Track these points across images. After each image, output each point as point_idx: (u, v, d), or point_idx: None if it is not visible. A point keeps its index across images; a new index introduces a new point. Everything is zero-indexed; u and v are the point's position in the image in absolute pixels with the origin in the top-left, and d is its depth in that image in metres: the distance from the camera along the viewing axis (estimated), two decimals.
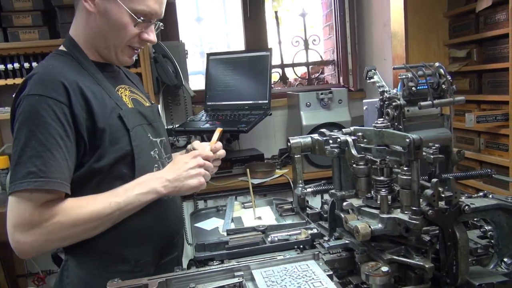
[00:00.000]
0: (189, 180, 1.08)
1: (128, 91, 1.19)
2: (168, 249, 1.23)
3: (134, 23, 1.06)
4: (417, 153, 0.81)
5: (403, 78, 1.32)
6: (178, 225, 1.28)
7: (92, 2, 1.05)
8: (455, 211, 0.83)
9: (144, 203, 1.05)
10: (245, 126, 2.02)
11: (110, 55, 1.12)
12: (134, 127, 1.10)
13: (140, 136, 1.11)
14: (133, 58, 1.17)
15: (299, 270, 0.96)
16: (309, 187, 1.36)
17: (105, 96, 1.08)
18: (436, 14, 2.32)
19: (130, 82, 1.26)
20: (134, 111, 1.14)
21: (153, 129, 1.18)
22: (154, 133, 1.18)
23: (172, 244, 1.25)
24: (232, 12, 3.10)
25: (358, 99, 2.87)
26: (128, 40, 1.08)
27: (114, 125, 1.06)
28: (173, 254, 1.26)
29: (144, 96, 1.26)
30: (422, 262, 0.84)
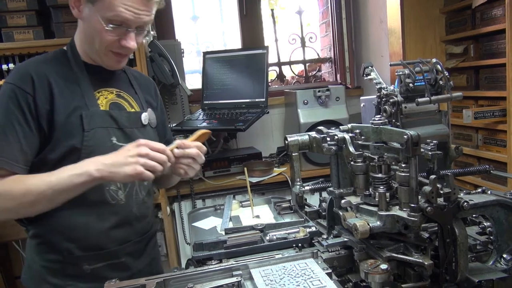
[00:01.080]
0: (125, 167, 1.03)
1: (114, 95, 1.22)
2: (113, 253, 1.20)
3: (106, 30, 1.09)
4: (415, 150, 0.81)
5: (400, 74, 1.31)
6: (127, 232, 1.23)
7: (77, 8, 1.13)
8: (453, 208, 0.83)
9: (77, 185, 1.04)
10: (242, 124, 2.01)
11: (97, 59, 1.18)
12: (94, 128, 1.14)
13: (98, 138, 1.14)
14: (122, 62, 1.20)
15: (298, 268, 0.95)
16: (307, 185, 1.35)
17: (77, 95, 1.14)
18: (432, 10, 2.32)
19: (129, 87, 1.29)
20: (103, 113, 1.17)
21: (123, 134, 1.20)
22: (124, 138, 1.19)
23: (119, 249, 1.21)
24: (228, 10, 3.09)
25: (356, 96, 2.86)
26: (107, 45, 1.12)
27: (73, 122, 1.12)
28: (118, 259, 1.22)
29: (138, 102, 1.28)
30: (421, 259, 0.83)
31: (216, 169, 2.46)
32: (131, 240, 1.24)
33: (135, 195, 1.23)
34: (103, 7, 1.07)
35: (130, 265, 1.25)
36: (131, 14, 1.09)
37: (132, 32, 1.12)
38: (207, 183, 2.37)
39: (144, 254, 1.30)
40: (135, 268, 1.25)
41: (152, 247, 1.35)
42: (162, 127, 1.41)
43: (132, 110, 1.26)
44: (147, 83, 1.40)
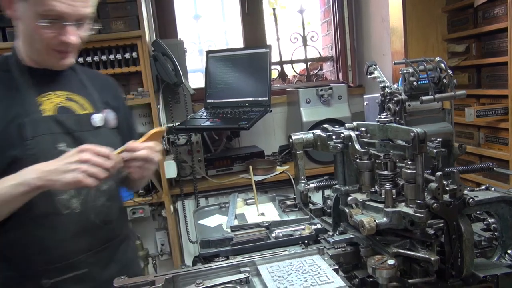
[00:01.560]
0: (65, 175, 0.97)
1: (63, 98, 1.16)
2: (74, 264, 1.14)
3: (42, 26, 1.03)
4: (421, 147, 0.82)
5: (404, 73, 1.32)
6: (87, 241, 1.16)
7: (10, 8, 1.06)
8: (459, 204, 0.84)
9: (17, 196, 0.99)
10: (246, 123, 2.02)
11: (41, 60, 1.12)
12: (37, 136, 1.07)
13: (42, 146, 1.08)
14: (67, 60, 1.13)
15: (305, 265, 0.96)
16: (311, 182, 1.36)
17: (16, 102, 1.08)
18: (434, 9, 2.33)
19: (81, 89, 1.21)
20: (47, 119, 1.10)
21: (73, 138, 1.12)
22: (74, 143, 1.11)
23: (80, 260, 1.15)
24: (230, 9, 3.09)
25: (358, 95, 2.87)
26: (47, 43, 1.06)
27: (12, 132, 1.05)
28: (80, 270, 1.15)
29: (92, 103, 1.21)
30: (428, 255, 0.84)
31: (219, 168, 2.48)
32: (93, 249, 1.16)
33: (92, 202, 1.15)
34: (35, 2, 1.01)
35: (95, 276, 1.17)
36: (66, 7, 1.02)
37: (71, 26, 1.05)
38: (210, 181, 2.38)
39: (112, 262, 1.22)
40: (102, 278, 1.17)
41: (122, 254, 1.26)
42: (126, 128, 1.33)
43: (84, 112, 1.18)
44: (106, 83, 1.32)
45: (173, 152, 2.33)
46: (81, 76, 1.24)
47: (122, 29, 2.08)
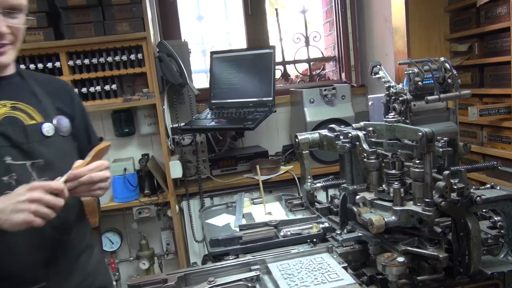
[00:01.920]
0: (14, 215, 0.92)
1: (8, 108, 1.09)
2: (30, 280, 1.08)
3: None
4: (429, 146, 0.83)
5: (410, 73, 1.34)
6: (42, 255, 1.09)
7: None
8: (467, 202, 0.86)
9: None
10: (251, 123, 2.04)
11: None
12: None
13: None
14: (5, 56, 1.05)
15: (314, 262, 0.98)
16: (318, 182, 1.38)
17: None
18: (437, 8, 2.34)
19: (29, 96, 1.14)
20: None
21: (20, 151, 1.06)
22: (22, 156, 1.06)
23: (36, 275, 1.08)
24: (233, 9, 3.10)
25: (360, 95, 2.89)
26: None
27: None
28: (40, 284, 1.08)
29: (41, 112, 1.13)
30: (436, 252, 0.86)
31: (223, 168, 2.49)
32: (50, 262, 1.10)
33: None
34: None
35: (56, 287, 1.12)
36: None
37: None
38: (214, 181, 2.40)
39: (73, 273, 1.15)
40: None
41: (84, 264, 1.20)
42: (84, 133, 1.28)
43: (32, 122, 1.10)
44: (58, 88, 1.24)
45: (178, 153, 2.35)
46: (30, 83, 1.17)
47: (127, 31, 2.10)
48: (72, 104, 1.24)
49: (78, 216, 1.21)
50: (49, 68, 2.10)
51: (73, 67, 2.13)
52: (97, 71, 2.14)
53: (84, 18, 2.06)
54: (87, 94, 2.16)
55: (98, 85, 2.16)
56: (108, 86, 2.16)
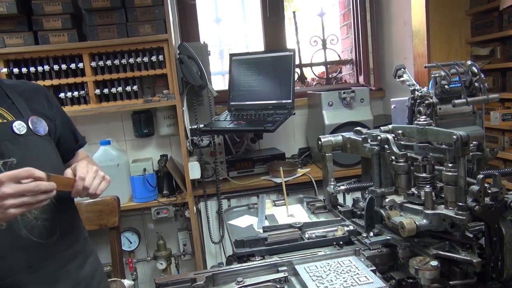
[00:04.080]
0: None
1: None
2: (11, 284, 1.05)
3: None
4: (464, 150, 0.83)
5: (436, 76, 1.33)
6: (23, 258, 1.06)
7: None
8: (501, 207, 0.85)
9: None
10: (271, 125, 2.04)
11: None
12: None
13: None
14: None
15: (343, 265, 0.98)
16: (341, 185, 1.37)
17: None
18: (458, 11, 2.32)
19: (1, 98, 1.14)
20: None
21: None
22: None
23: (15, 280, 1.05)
24: (251, 12, 3.12)
25: (378, 98, 2.88)
26: None
27: None
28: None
29: (14, 112, 1.13)
30: (469, 257, 0.85)
31: (240, 169, 2.50)
32: (32, 267, 1.07)
33: (21, 216, 1.04)
34: None
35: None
36: None
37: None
38: (231, 183, 2.41)
39: (61, 280, 1.12)
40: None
41: (75, 271, 1.17)
42: (69, 133, 1.30)
43: (2, 121, 1.10)
44: (32, 91, 1.24)
45: (197, 154, 2.36)
46: (3, 88, 1.17)
47: (149, 33, 2.12)
48: (49, 106, 1.24)
49: (65, 221, 1.17)
50: (72, 69, 2.13)
51: (96, 68, 2.16)
52: (119, 72, 2.17)
53: (107, 20, 2.09)
54: (109, 95, 2.19)
55: (119, 86, 2.19)
56: (129, 87, 2.19)
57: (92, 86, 2.16)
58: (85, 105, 2.16)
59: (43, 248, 1.09)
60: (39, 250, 1.09)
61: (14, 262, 1.05)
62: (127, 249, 2.41)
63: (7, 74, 2.05)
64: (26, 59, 2.08)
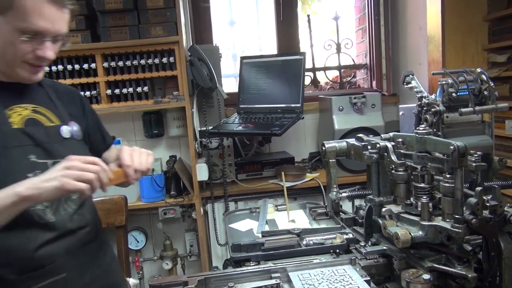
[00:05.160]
0: (51, 182, 0.98)
1: (29, 111, 1.16)
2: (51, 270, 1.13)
3: (20, 41, 1.03)
4: (461, 161, 0.80)
5: (443, 83, 1.30)
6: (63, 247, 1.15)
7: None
8: (500, 221, 0.82)
9: (6, 207, 0.98)
10: (278, 129, 2.03)
11: (10, 72, 1.11)
12: (7, 148, 1.07)
13: (13, 158, 1.08)
14: (39, 74, 1.14)
15: (336, 274, 0.96)
16: (344, 191, 1.35)
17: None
18: (475, 17, 2.26)
19: (47, 101, 1.22)
20: (16, 132, 1.10)
21: (43, 150, 1.13)
22: (45, 155, 1.13)
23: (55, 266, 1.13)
24: (264, 15, 3.12)
25: (391, 104, 2.83)
26: (21, 57, 1.06)
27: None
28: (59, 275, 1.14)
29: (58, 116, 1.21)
30: (465, 271, 0.83)
31: (248, 172, 2.49)
32: (69, 254, 1.15)
33: (64, 211, 1.16)
34: (15, 18, 1.01)
35: (74, 280, 1.17)
36: (46, 24, 1.03)
37: (48, 41, 1.06)
38: (239, 185, 2.40)
39: (90, 266, 1.21)
40: (80, 282, 1.18)
41: (101, 259, 1.27)
42: (98, 134, 1.37)
43: (51, 124, 1.18)
44: (70, 94, 1.31)
45: (205, 155, 2.37)
46: (46, 89, 1.24)
47: (160, 35, 2.14)
48: (82, 109, 1.32)
49: (92, 212, 1.29)
50: (85, 69, 2.18)
51: (108, 69, 2.20)
52: (130, 73, 2.20)
53: (120, 21, 2.12)
54: (120, 95, 2.23)
55: (131, 87, 2.22)
56: (140, 88, 2.22)
57: (104, 86, 2.19)
58: (96, 104, 2.20)
59: (79, 237, 1.19)
60: (77, 239, 1.18)
61: (55, 250, 1.13)
62: (134, 248, 2.44)
63: None
64: None
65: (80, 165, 1.00)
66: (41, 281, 1.11)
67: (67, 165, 1.00)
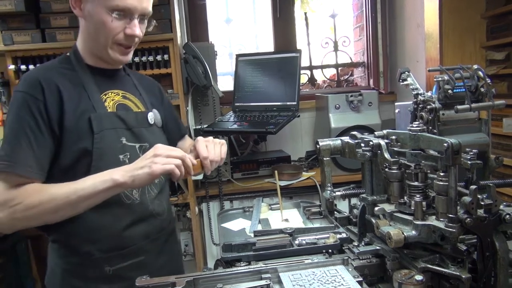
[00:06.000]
0: (143, 169, 1.06)
1: (120, 96, 1.25)
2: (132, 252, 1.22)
3: (111, 20, 1.12)
4: (455, 158, 0.78)
5: (439, 80, 1.27)
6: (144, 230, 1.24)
7: (79, 8, 1.16)
8: (495, 220, 0.80)
9: (101, 191, 1.06)
10: (273, 127, 2.01)
11: (103, 55, 1.19)
12: (103, 130, 1.15)
13: (108, 139, 1.16)
14: (128, 56, 1.22)
15: (328, 275, 0.94)
16: (338, 190, 1.33)
17: (84, 98, 1.16)
18: (473, 15, 2.24)
19: (133, 89, 1.32)
20: (111, 115, 1.19)
21: (132, 134, 1.22)
22: (133, 138, 1.22)
23: (138, 248, 1.23)
24: (261, 13, 3.10)
25: (389, 102, 2.81)
26: (113, 37, 1.14)
27: (82, 126, 1.13)
28: (138, 257, 1.23)
29: (143, 103, 1.31)
30: (459, 272, 0.80)
31: (244, 171, 2.47)
32: (149, 238, 1.25)
33: (148, 193, 1.25)
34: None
35: (150, 264, 1.25)
36: (133, 1, 1.11)
37: (136, 19, 1.15)
38: (235, 184, 2.38)
39: (163, 251, 1.30)
40: (155, 266, 1.26)
41: (171, 245, 1.37)
42: (174, 123, 1.46)
43: (138, 110, 1.28)
44: (151, 85, 1.43)
45: None
46: (133, 78, 1.35)
47: (154, 32, 2.12)
48: (162, 100, 1.43)
49: (168, 202, 1.38)
50: None
51: None
52: None
53: None
54: None
55: None
56: None
57: None
58: None
59: (157, 221, 1.28)
60: (155, 224, 1.27)
61: (139, 232, 1.22)
62: None
63: (15, 71, 2.08)
64: (33, 57, 2.11)
65: (167, 152, 1.08)
66: (123, 261, 1.19)
67: (155, 152, 1.07)
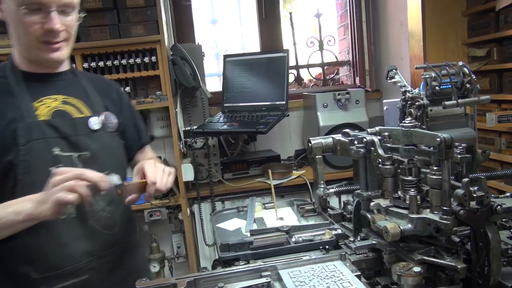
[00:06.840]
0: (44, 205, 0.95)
1: (59, 102, 1.15)
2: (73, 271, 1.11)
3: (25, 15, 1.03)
4: (448, 153, 0.81)
5: (427, 77, 1.30)
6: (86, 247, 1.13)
7: (1, 10, 1.08)
8: (487, 211, 0.82)
9: (17, 222, 0.98)
10: (264, 127, 2.03)
11: (34, 57, 1.11)
12: (30, 141, 1.06)
13: (36, 151, 1.07)
14: (59, 52, 1.10)
15: (327, 270, 0.95)
16: (331, 187, 1.35)
17: (11, 107, 1.08)
18: (454, 12, 2.30)
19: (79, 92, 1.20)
20: (41, 124, 1.09)
21: (68, 143, 1.11)
22: (70, 147, 1.11)
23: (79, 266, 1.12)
24: (247, 13, 3.11)
25: (375, 99, 2.86)
26: (33, 34, 1.05)
27: (6, 137, 1.05)
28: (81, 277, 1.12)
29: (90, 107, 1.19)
30: (454, 262, 0.83)
31: (235, 171, 2.48)
32: (94, 255, 1.14)
33: (89, 207, 1.12)
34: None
35: (97, 283, 1.15)
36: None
37: (53, 12, 1.04)
38: (226, 185, 2.39)
39: (117, 268, 1.20)
40: (104, 285, 1.16)
41: (129, 261, 1.24)
42: (134, 130, 1.34)
43: (81, 115, 1.17)
44: (107, 87, 1.31)
45: (190, 156, 2.34)
46: (81, 80, 1.23)
47: (141, 34, 2.11)
48: (120, 103, 1.30)
49: (124, 213, 1.24)
50: None
51: (88, 70, 2.15)
52: (111, 74, 2.16)
53: (99, 21, 2.08)
54: None
55: None
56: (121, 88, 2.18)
57: None
58: None
59: (105, 238, 1.16)
60: (102, 240, 1.16)
61: (78, 250, 1.11)
62: None
63: None
64: None
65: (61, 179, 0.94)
66: (63, 281, 1.09)
67: (51, 182, 0.95)
